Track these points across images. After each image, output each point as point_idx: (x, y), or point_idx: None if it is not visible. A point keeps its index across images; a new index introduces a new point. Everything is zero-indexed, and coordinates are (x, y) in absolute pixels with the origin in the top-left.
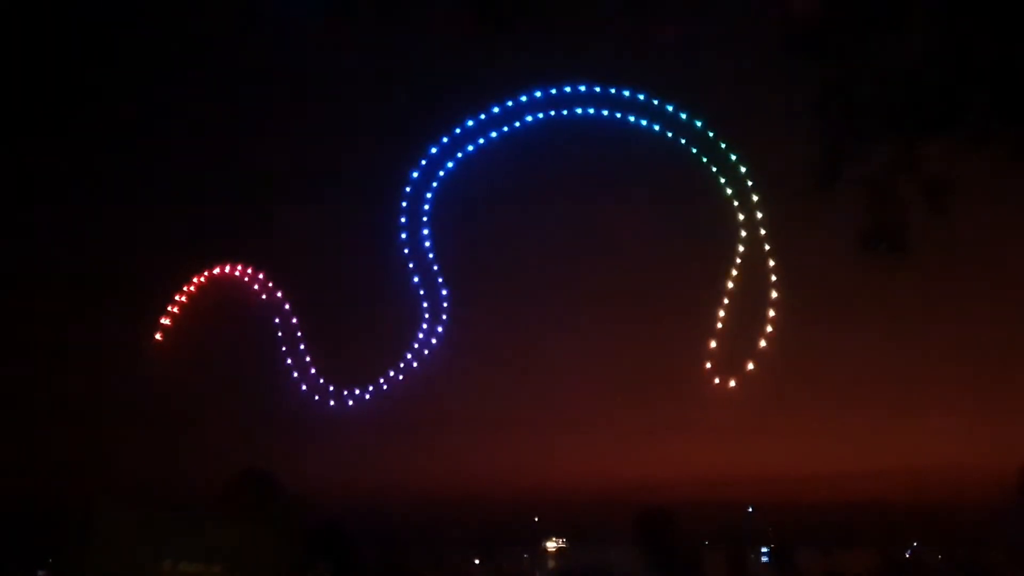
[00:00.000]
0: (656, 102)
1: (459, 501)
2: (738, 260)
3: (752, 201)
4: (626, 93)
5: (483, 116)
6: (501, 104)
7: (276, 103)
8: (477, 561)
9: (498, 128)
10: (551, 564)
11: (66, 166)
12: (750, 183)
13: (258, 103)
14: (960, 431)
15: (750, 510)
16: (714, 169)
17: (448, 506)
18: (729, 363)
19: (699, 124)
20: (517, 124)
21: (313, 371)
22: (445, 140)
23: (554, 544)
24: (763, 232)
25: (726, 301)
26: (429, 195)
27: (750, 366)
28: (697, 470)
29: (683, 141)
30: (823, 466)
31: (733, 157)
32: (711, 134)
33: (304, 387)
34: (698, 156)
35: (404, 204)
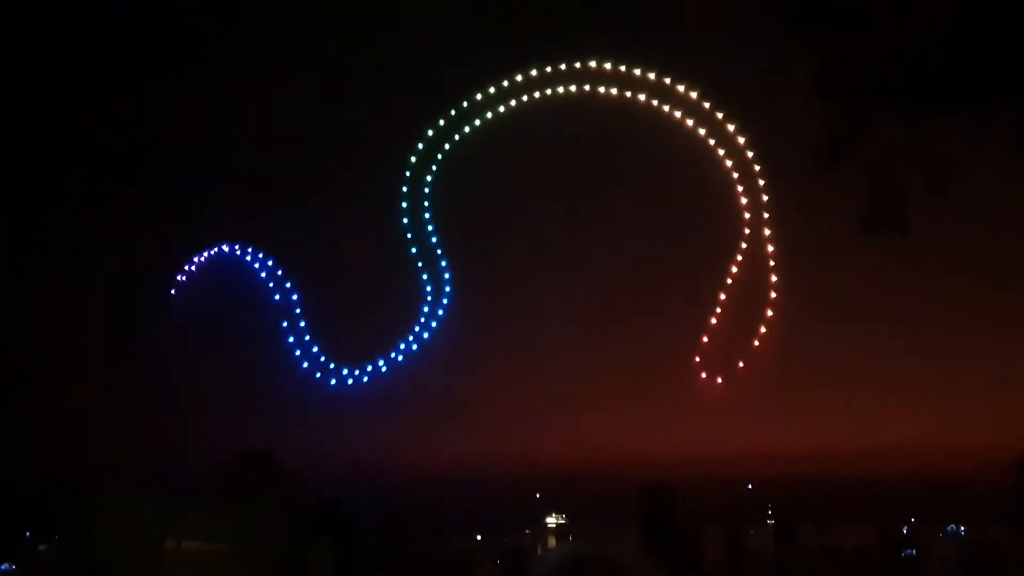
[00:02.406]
0: (661, 80)
1: (461, 479)
2: (742, 244)
3: (756, 182)
4: (631, 70)
5: (484, 95)
6: (503, 83)
7: (279, 86)
8: (479, 537)
9: (501, 106)
10: (551, 541)
11: (74, 148)
12: (754, 164)
13: (261, 86)
14: (959, 410)
15: (749, 487)
16: (720, 152)
17: (450, 483)
18: (719, 360)
19: (703, 101)
20: (519, 101)
21: (315, 350)
22: (447, 120)
23: (554, 520)
24: (766, 216)
25: (725, 292)
26: (431, 176)
27: (740, 364)
28: (697, 448)
29: (690, 122)
30: (822, 444)
31: (738, 138)
32: (717, 113)
33: (306, 366)
34: (702, 135)
35: (405, 188)
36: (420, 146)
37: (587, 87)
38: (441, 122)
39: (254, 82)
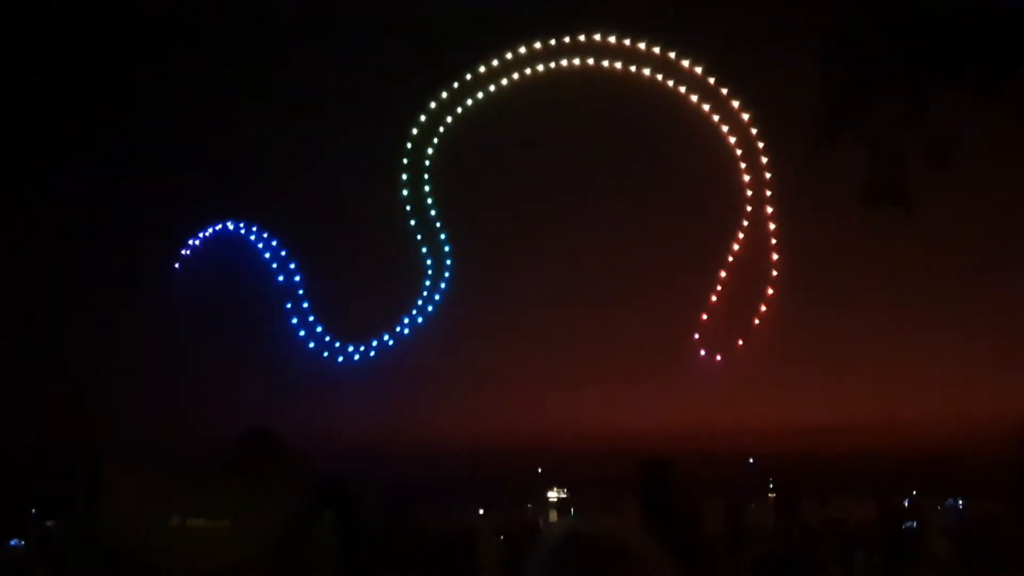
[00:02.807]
0: (663, 52)
1: (463, 454)
2: (744, 222)
3: (759, 159)
4: (635, 43)
5: (486, 68)
6: (505, 56)
7: (277, 57)
8: (481, 512)
9: (502, 79)
10: (553, 515)
11: (70, 117)
12: (758, 140)
13: (259, 58)
14: (959, 382)
15: (751, 461)
16: (724, 127)
17: (452, 459)
18: (718, 338)
19: (705, 74)
20: (521, 74)
21: (317, 326)
22: (449, 93)
23: (555, 494)
24: (768, 193)
25: (726, 270)
26: (431, 149)
27: (740, 342)
28: (697, 422)
29: (694, 98)
30: (823, 417)
31: (742, 115)
32: (722, 89)
33: (308, 342)
34: (704, 109)
35: (406, 160)
36: (422, 118)
37: (591, 61)
38: (443, 95)
39: (255, 54)
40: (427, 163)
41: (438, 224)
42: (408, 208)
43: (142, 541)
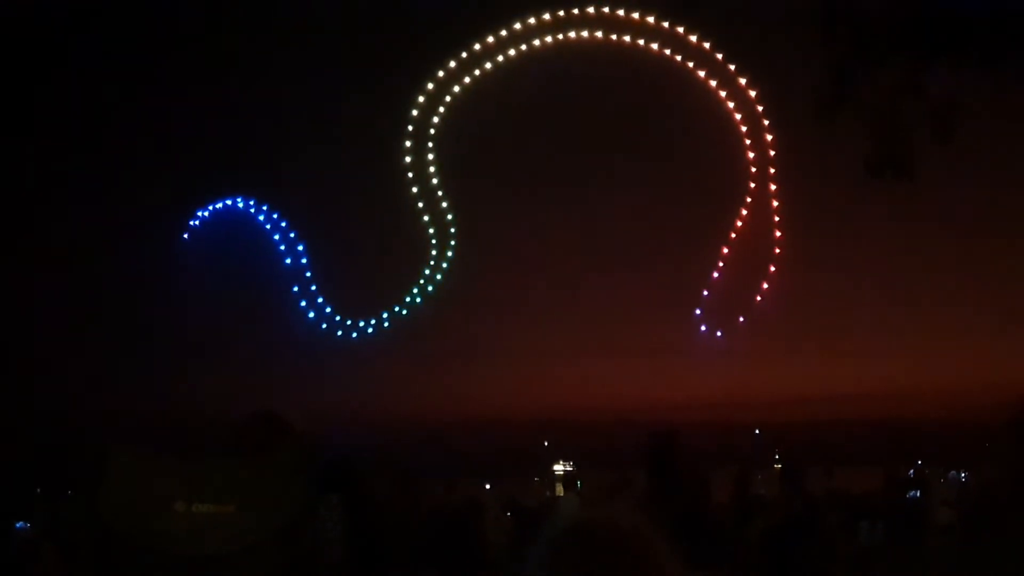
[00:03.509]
0: (664, 24)
1: (469, 428)
2: (747, 198)
3: (765, 136)
4: (635, 15)
5: (490, 40)
6: (512, 28)
7: (278, 34)
8: (488, 486)
9: (505, 53)
10: (559, 488)
11: (73, 97)
12: (763, 117)
13: (260, 32)
14: (963, 352)
15: (757, 432)
16: (731, 103)
17: (458, 433)
18: (720, 314)
19: (713, 49)
20: (528, 46)
21: (320, 300)
22: (452, 65)
23: (562, 467)
24: (772, 171)
25: (728, 246)
26: (436, 122)
27: (741, 319)
28: (704, 394)
29: (700, 72)
30: (827, 388)
31: (750, 91)
32: (728, 63)
33: (313, 318)
34: (711, 84)
35: (410, 136)
36: (428, 88)
37: (599, 33)
38: (448, 67)
39: (251, 33)
40: (431, 137)
41: (442, 199)
42: (413, 184)
43: (147, 526)
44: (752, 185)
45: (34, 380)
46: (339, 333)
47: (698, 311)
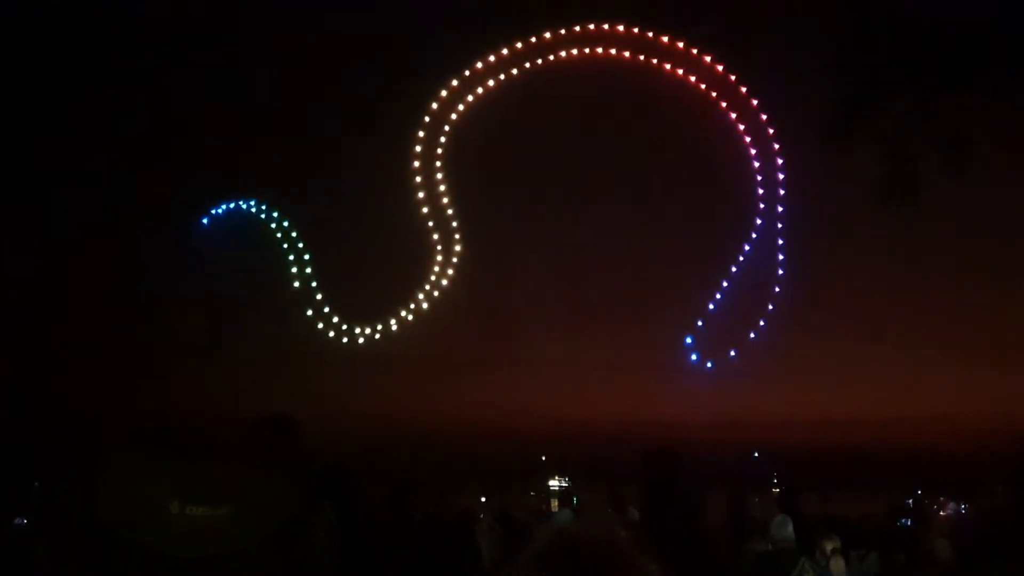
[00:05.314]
0: (680, 45)
1: (466, 440)
2: (757, 220)
3: (775, 160)
4: (656, 37)
5: (504, 51)
6: (523, 40)
7: (282, 34)
8: (483, 499)
9: (519, 65)
10: (555, 504)
11: (73, 97)
12: (773, 141)
13: (264, 31)
14: (965, 382)
15: (755, 455)
16: (740, 126)
17: (455, 444)
18: (712, 346)
19: (726, 72)
20: (533, 63)
21: (325, 307)
22: (459, 79)
23: (558, 483)
24: (781, 193)
25: (728, 279)
26: (444, 132)
27: (732, 354)
28: (702, 415)
29: (703, 86)
30: (828, 413)
31: (761, 115)
32: (740, 85)
33: (315, 324)
34: (721, 105)
35: (418, 146)
36: (433, 106)
37: (602, 50)
38: (454, 82)
39: (253, 32)
40: (438, 149)
41: (448, 209)
42: (419, 192)
43: (140, 526)
44: (759, 221)
45: (33, 379)
46: (343, 339)
47: (689, 339)
